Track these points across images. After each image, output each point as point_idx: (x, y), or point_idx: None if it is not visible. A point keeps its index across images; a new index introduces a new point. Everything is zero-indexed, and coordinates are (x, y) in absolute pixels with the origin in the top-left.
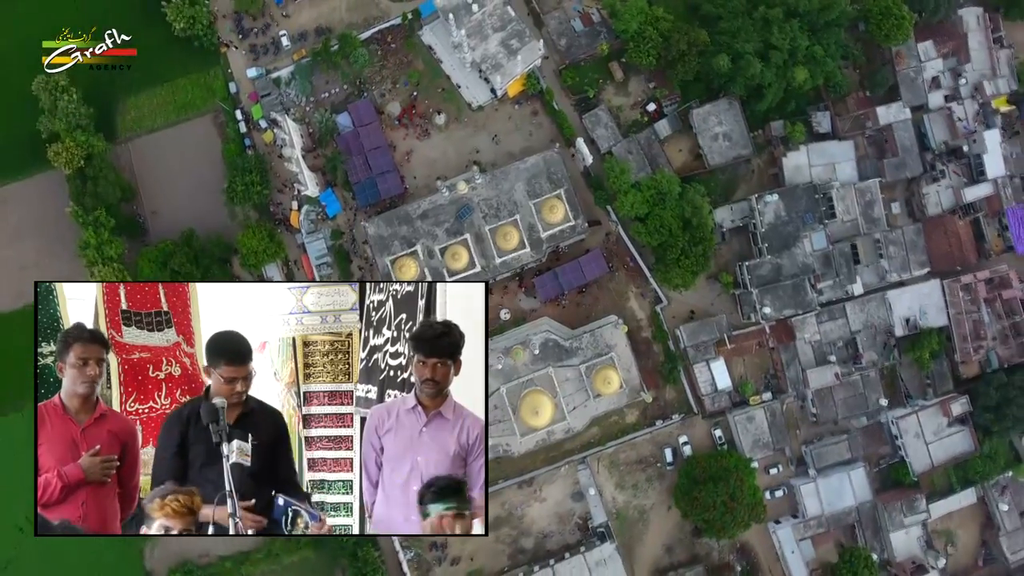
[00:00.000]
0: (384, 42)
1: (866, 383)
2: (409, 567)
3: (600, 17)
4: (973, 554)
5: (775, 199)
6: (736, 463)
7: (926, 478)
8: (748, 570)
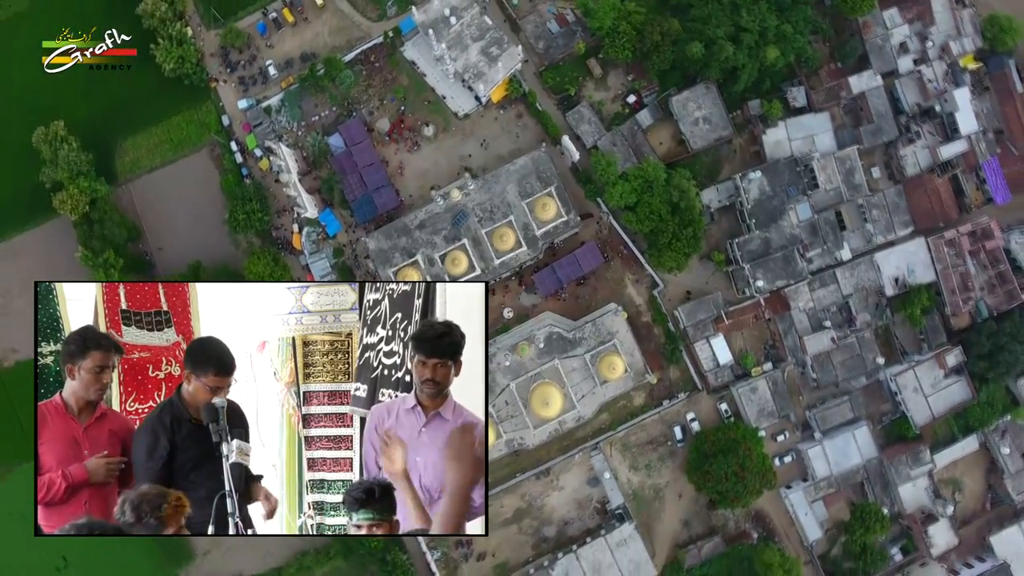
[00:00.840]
0: (368, 62)
1: (862, 344)
2: (437, 567)
3: (574, 17)
4: (980, 498)
5: (758, 176)
6: (743, 434)
7: (928, 430)
8: (764, 536)
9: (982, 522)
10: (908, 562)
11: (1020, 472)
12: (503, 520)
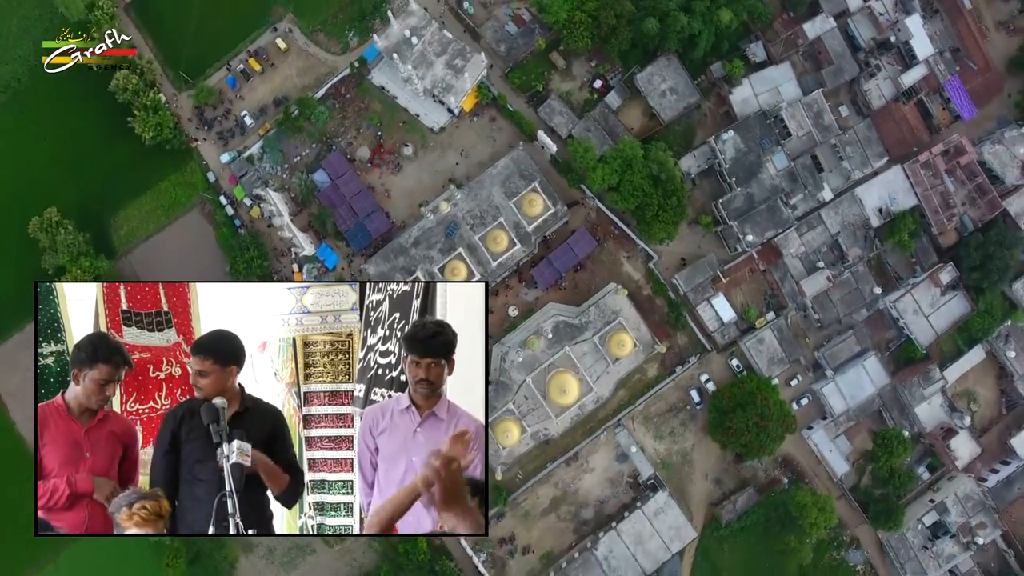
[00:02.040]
0: (339, 95)
1: (857, 278)
2: (485, 568)
3: (530, 15)
4: (995, 405)
5: (731, 135)
6: (758, 385)
7: (934, 348)
8: (794, 479)
9: (1001, 427)
10: (936, 478)
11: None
12: (541, 511)
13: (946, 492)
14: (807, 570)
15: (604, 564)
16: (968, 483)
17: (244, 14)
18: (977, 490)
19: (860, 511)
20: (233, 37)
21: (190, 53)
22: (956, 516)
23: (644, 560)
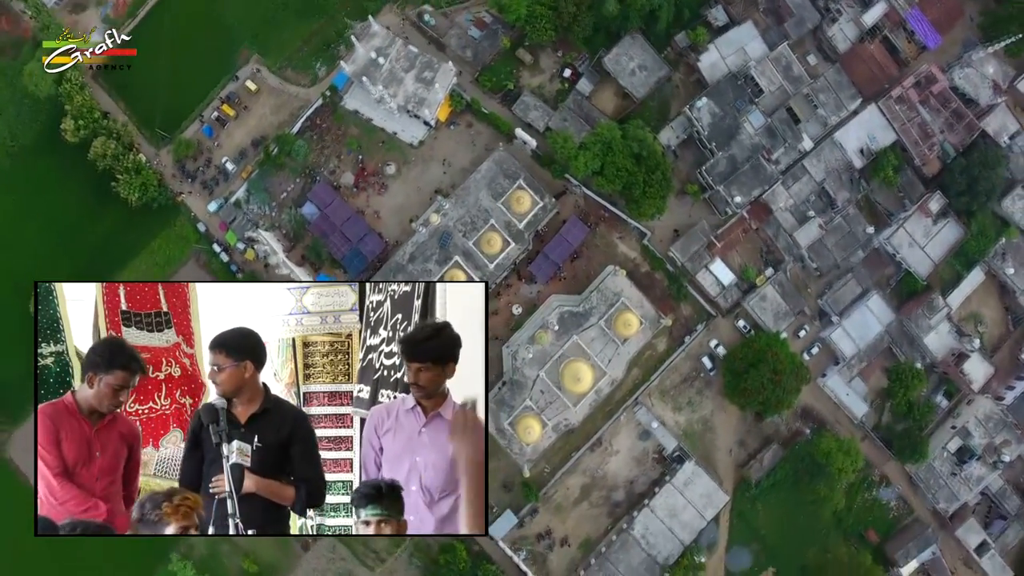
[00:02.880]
0: (315, 126)
1: (849, 221)
2: (527, 566)
3: (492, 17)
4: (1002, 323)
5: (705, 102)
6: (767, 341)
7: (934, 278)
8: (816, 428)
9: (1011, 343)
10: (955, 404)
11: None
12: (573, 500)
13: (966, 416)
14: (842, 514)
15: (642, 542)
16: (987, 404)
17: (210, 62)
18: (997, 409)
19: (885, 449)
20: (203, 86)
21: (163, 109)
22: (979, 438)
23: (681, 532)
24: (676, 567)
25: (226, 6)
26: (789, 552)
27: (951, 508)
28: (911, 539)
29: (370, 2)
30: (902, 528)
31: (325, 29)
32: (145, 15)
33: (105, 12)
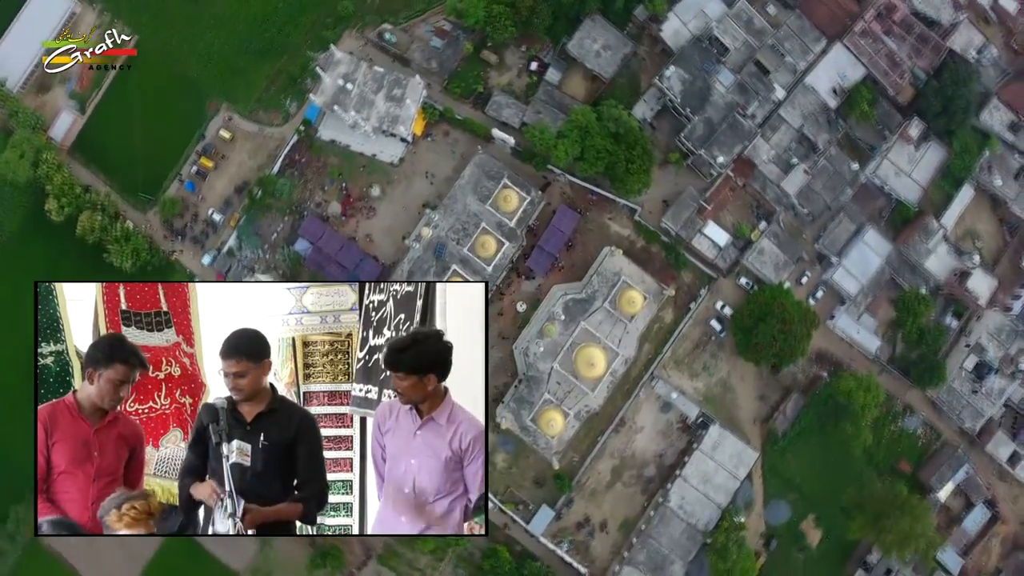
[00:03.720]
0: (295, 162)
1: (833, 161)
2: (571, 556)
3: (451, 24)
4: (998, 235)
5: (673, 70)
6: (771, 294)
7: (925, 202)
8: (833, 370)
9: (1010, 253)
10: (965, 322)
11: (1018, 193)
12: (606, 484)
13: (978, 332)
14: (872, 450)
15: (680, 512)
16: (996, 317)
17: (182, 118)
18: (1006, 320)
19: (903, 378)
20: (178, 143)
21: (143, 173)
22: (994, 351)
23: (716, 495)
24: (717, 531)
25: (187, 62)
26: (826, 496)
27: (977, 425)
28: (943, 462)
29: (329, 31)
30: (932, 453)
31: (288, 66)
32: (110, 84)
33: (71, 88)
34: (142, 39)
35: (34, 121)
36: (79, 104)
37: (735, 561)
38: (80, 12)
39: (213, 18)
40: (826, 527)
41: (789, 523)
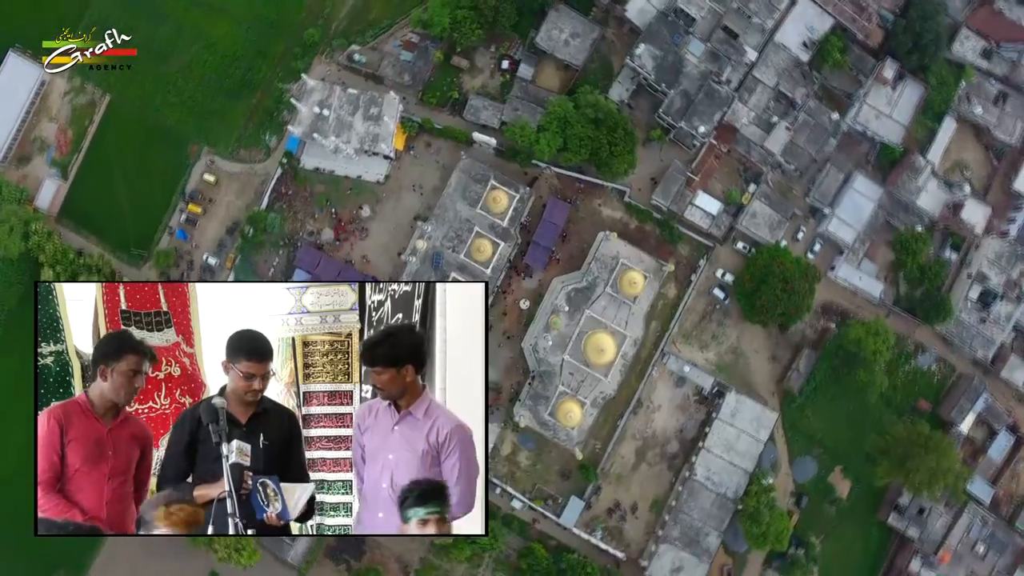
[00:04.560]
0: (282, 195)
1: (812, 114)
2: (606, 543)
3: (418, 36)
4: (985, 162)
5: (643, 48)
6: (769, 254)
7: (909, 141)
8: (840, 321)
9: (999, 178)
10: (964, 253)
11: (999, 118)
12: (631, 466)
13: (978, 261)
14: (889, 394)
15: (708, 484)
16: (994, 243)
17: (164, 168)
18: (1005, 245)
19: (911, 318)
20: (164, 194)
21: (134, 229)
22: (996, 278)
23: (742, 461)
24: (747, 496)
25: (162, 112)
26: (850, 446)
27: (990, 353)
28: (961, 395)
29: (298, 61)
30: (949, 388)
31: (263, 101)
32: (89, 145)
33: (51, 156)
34: (114, 98)
35: (18, 194)
36: (61, 170)
37: (768, 523)
38: (49, 80)
39: (182, 67)
40: (854, 476)
41: (817, 478)
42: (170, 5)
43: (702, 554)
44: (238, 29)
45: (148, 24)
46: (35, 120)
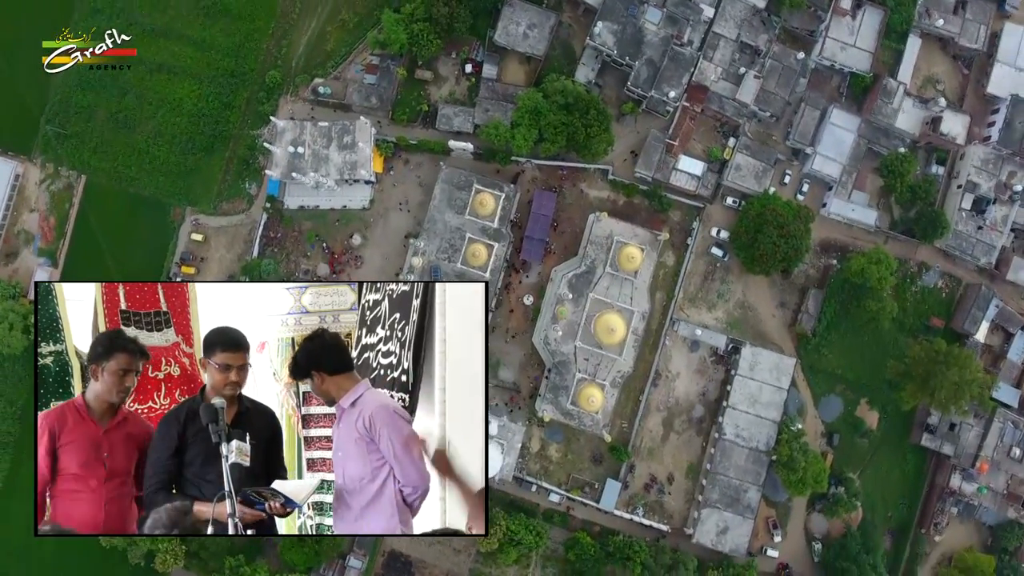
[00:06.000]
0: (272, 240)
1: (779, 58)
2: (649, 518)
3: (379, 57)
4: (956, 72)
5: (600, 26)
6: (760, 203)
7: (877, 66)
8: (841, 255)
9: (971, 84)
10: (951, 165)
11: (962, 27)
12: (660, 438)
13: (966, 170)
14: (900, 318)
15: (739, 440)
16: (977, 149)
17: (151, 237)
18: (988, 149)
19: (909, 239)
20: (155, 261)
21: None
22: (986, 183)
23: (768, 412)
24: (779, 445)
25: (140, 181)
26: (871, 377)
27: (992, 258)
28: (971, 305)
29: (264, 105)
30: (959, 301)
31: (237, 151)
32: (73, 229)
33: (37, 246)
34: (90, 177)
35: (11, 291)
36: (49, 258)
37: (804, 468)
38: (25, 171)
39: (151, 133)
40: (880, 406)
41: (844, 414)
42: (130, 75)
43: (744, 511)
44: (200, 86)
45: (112, 98)
46: (15, 214)
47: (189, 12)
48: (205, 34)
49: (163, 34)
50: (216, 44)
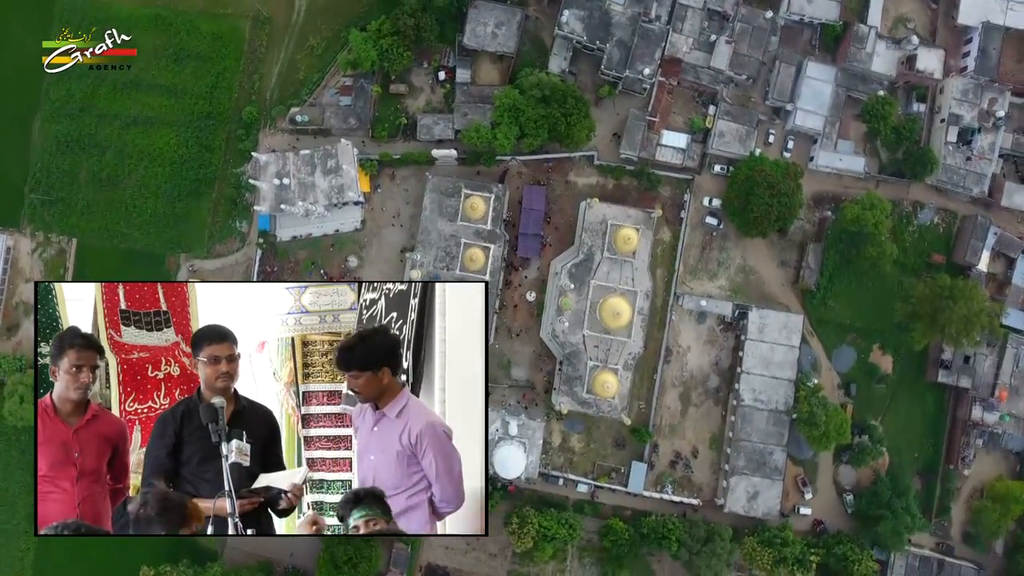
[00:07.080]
0: (269, 274)
1: (748, 19)
2: (678, 495)
3: (351, 77)
4: (925, 8)
5: (567, 14)
6: (748, 168)
7: (846, 13)
8: (835, 206)
9: (941, 17)
10: (931, 101)
11: None
12: (679, 413)
13: (947, 104)
14: (901, 259)
15: (758, 404)
16: (956, 81)
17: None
18: (966, 80)
19: (900, 179)
20: None
21: None
22: (968, 113)
23: (782, 372)
24: (798, 403)
25: (130, 236)
26: (880, 322)
27: (985, 187)
28: (970, 236)
29: (243, 142)
30: (957, 234)
31: (223, 191)
32: None
33: None
34: (80, 239)
35: (17, 363)
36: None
37: (826, 422)
38: (16, 243)
39: (135, 187)
40: (893, 349)
41: (858, 363)
42: (107, 133)
43: (772, 473)
44: (178, 133)
45: (92, 157)
46: (12, 286)
47: (157, 60)
48: (176, 80)
49: (134, 86)
50: (188, 88)
